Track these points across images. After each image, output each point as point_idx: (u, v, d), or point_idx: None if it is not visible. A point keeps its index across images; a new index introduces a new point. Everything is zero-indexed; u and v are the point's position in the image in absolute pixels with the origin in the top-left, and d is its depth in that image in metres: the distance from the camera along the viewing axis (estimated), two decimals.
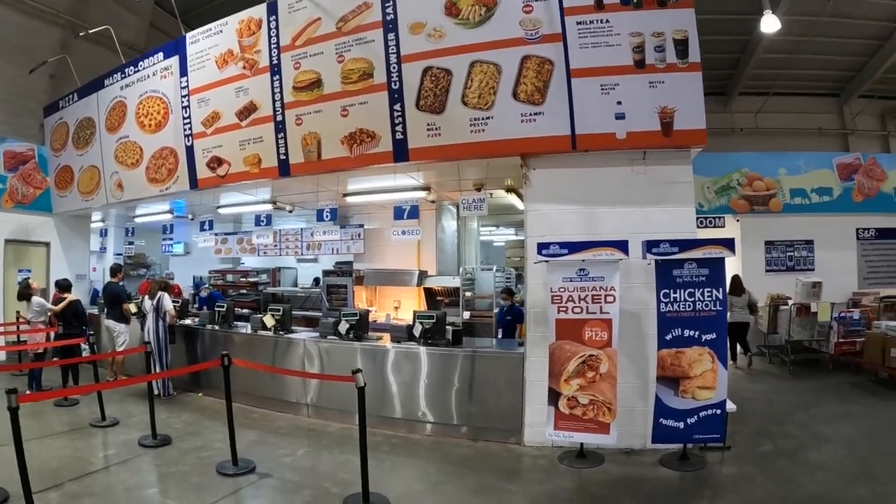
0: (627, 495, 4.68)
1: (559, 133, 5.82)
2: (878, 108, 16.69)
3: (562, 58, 5.86)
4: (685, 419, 5.24)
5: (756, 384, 8.92)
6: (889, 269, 12.10)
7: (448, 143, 6.21)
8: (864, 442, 6.15)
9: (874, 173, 12.08)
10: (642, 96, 5.73)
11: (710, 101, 14.71)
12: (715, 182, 11.48)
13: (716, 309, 5.28)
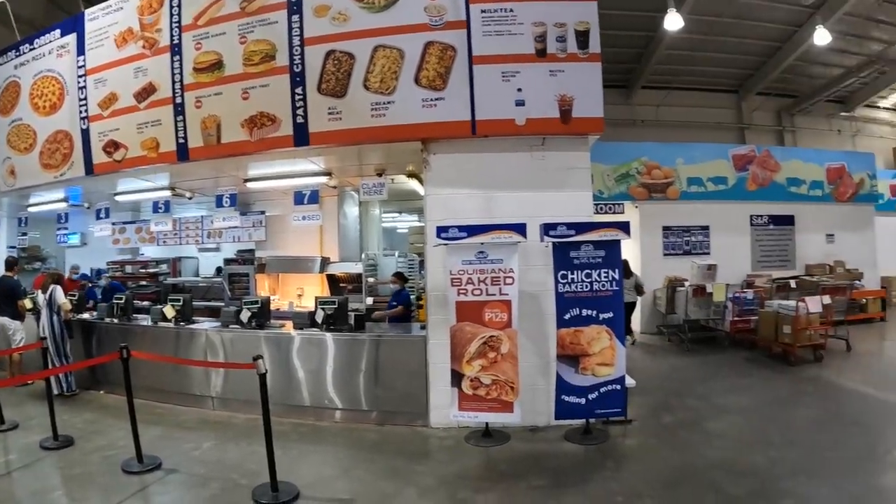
0: (533, 471, 4.82)
1: (460, 118, 5.90)
2: (774, 105, 17.74)
3: (465, 45, 5.94)
4: (586, 395, 5.45)
5: (656, 361, 9.41)
6: (781, 252, 13.06)
7: (349, 127, 6.16)
8: (759, 411, 6.59)
9: (768, 164, 12.93)
10: (542, 84, 5.89)
11: (613, 93, 15.38)
12: (615, 170, 11.89)
13: (612, 289, 5.51)
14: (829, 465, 4.96)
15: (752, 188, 12.79)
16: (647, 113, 16.15)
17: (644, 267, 11.71)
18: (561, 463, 5.02)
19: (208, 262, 12.37)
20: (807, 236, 13.39)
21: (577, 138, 6.10)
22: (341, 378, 6.29)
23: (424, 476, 4.76)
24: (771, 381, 8.04)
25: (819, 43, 12.65)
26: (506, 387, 5.39)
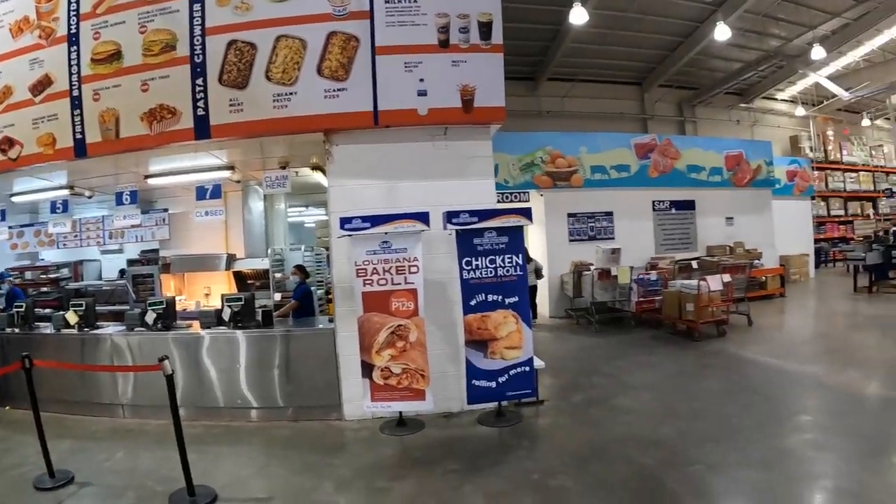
0: (449, 456, 4.88)
1: (362, 109, 5.88)
2: (676, 97, 18.55)
3: (368, 35, 5.92)
4: (496, 378, 5.56)
5: (566, 343, 9.70)
6: (683, 235, 13.78)
7: (251, 119, 6.02)
8: (666, 386, 6.92)
9: (669, 153, 13.57)
10: (445, 75, 5.94)
11: (519, 85, 15.63)
12: (520, 160, 12.15)
13: (516, 274, 5.64)
14: (735, 432, 5.24)
15: (653, 175, 13.37)
16: (553, 104, 16.51)
17: (550, 253, 12.13)
18: (476, 447, 5.11)
19: (111, 264, 11.81)
20: (707, 220, 14.15)
21: (480, 127, 6.21)
22: (253, 376, 6.17)
23: (341, 469, 4.75)
24: (676, 356, 8.42)
25: (719, 38, 13.21)
26: (416, 375, 5.43)
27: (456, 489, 4.21)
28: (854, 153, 22.34)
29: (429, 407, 5.54)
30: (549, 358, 8.16)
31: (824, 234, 20.99)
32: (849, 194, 21.96)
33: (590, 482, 4.29)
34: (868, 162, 22.81)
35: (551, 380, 7.21)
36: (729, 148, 14.89)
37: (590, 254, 11.69)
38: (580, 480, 4.32)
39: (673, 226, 13.76)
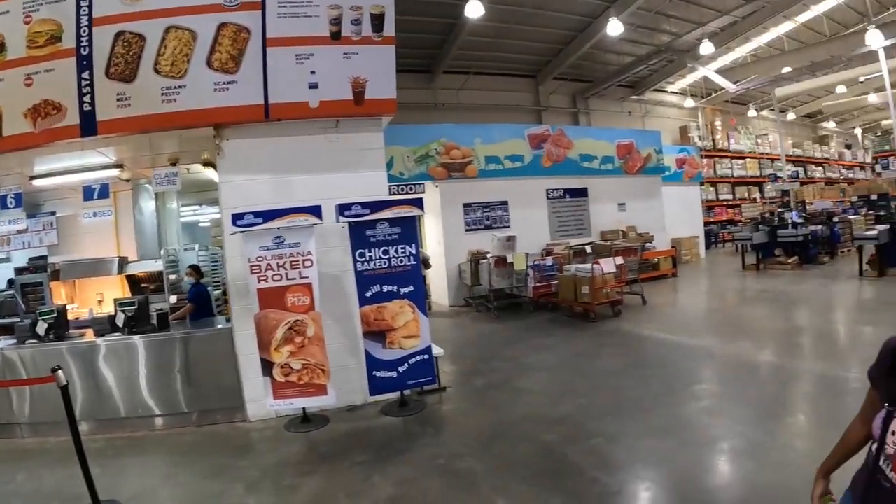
0: (356, 448, 4.86)
1: (253, 102, 5.71)
2: (570, 89, 19.24)
3: (259, 26, 5.72)
4: (396, 368, 5.60)
5: (466, 331, 9.88)
6: (577, 221, 14.29)
7: (139, 114, 5.69)
8: (565, 366, 7.14)
9: (562, 142, 14.02)
10: (337, 67, 5.85)
11: (416, 77, 15.72)
12: (415, 151, 12.21)
13: (410, 264, 5.69)
14: (632, 404, 5.49)
15: (547, 164, 13.80)
16: (449, 96, 16.72)
17: (447, 243, 12.30)
18: (381, 437, 5.11)
19: None
20: (601, 206, 14.73)
21: (371, 119, 6.18)
22: (153, 382, 5.88)
23: (249, 470, 4.63)
24: (574, 337, 8.71)
25: (612, 34, 13.79)
26: (317, 370, 5.37)
27: (364, 480, 4.20)
28: (741, 141, 23.90)
29: (331, 401, 5.50)
30: (451, 345, 8.32)
31: (714, 217, 22.37)
32: (736, 180, 23.48)
33: (495, 462, 4.38)
34: (754, 149, 24.47)
35: (453, 367, 7.33)
36: (620, 137, 15.53)
37: (486, 242, 11.92)
38: (485, 461, 4.41)
39: (567, 213, 14.25)
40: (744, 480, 3.92)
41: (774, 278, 13.28)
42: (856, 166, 31.53)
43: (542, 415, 5.37)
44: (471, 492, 3.90)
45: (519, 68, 17.70)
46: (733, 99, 22.96)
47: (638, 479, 4.01)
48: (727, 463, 4.24)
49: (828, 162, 29.33)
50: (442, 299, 12.76)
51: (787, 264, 14.51)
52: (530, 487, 3.92)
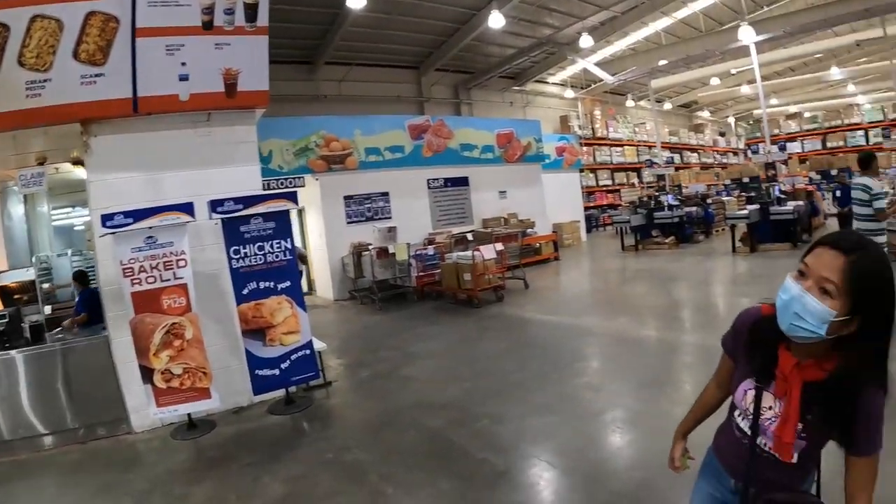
0: (244, 450, 4.75)
1: (121, 96, 5.36)
2: (453, 80, 19.53)
3: (128, 15, 5.32)
4: (279, 365, 5.51)
5: (351, 324, 9.88)
6: (459, 210, 14.54)
7: (2, 110, 5.20)
8: (450, 352, 7.31)
9: (442, 133, 14.21)
10: (208, 58, 5.59)
11: (297, 69, 15.52)
12: (294, 144, 11.98)
13: (286, 258, 5.61)
14: (516, 385, 5.69)
15: (427, 154, 13.94)
16: (331, 88, 16.57)
17: (329, 236, 12.20)
18: (270, 437, 5.04)
19: None
20: (482, 194, 15.06)
21: (244, 112, 5.99)
22: (36, 399, 5.42)
23: (137, 483, 4.42)
24: (458, 324, 8.91)
25: (494, 26, 14.09)
26: (198, 373, 5.18)
27: (255, 481, 4.14)
28: (619, 130, 25.18)
29: (216, 404, 5.33)
30: (336, 339, 8.34)
31: (594, 202, 23.47)
32: (615, 166, 24.69)
33: (383, 451, 4.44)
34: (632, 137, 25.84)
35: (339, 360, 7.34)
36: (500, 127, 15.93)
37: (368, 234, 11.90)
38: (374, 451, 4.46)
39: (448, 202, 14.46)
40: (627, 448, 4.20)
41: (652, 258, 14.15)
42: (729, 152, 34.40)
43: (428, 401, 5.48)
44: (360, 483, 3.94)
45: (402, 59, 17.74)
46: (612, 90, 24.24)
47: (524, 457, 4.17)
48: (610, 433, 4.51)
49: (703, 148, 31.68)
50: (326, 293, 12.63)
51: (664, 244, 15.55)
52: (419, 473, 4.01)
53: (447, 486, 3.79)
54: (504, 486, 3.72)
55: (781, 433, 1.55)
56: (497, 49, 18.19)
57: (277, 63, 13.97)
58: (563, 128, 22.31)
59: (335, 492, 3.85)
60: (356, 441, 4.72)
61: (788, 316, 1.46)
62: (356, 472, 4.13)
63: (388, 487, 3.83)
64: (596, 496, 3.51)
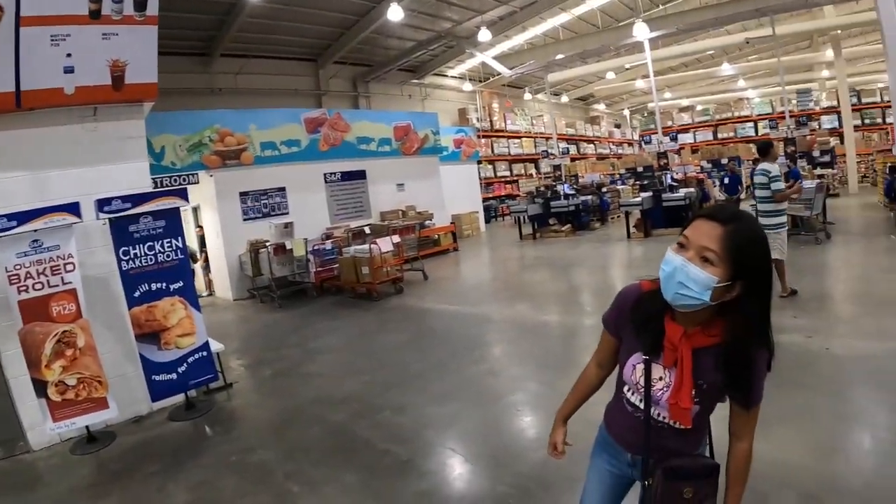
0: (146, 460, 4.60)
1: (3, 90, 5.00)
2: (351, 73, 19.40)
3: (13, 3, 4.91)
4: (176, 369, 5.38)
5: (250, 323, 9.74)
6: (357, 204, 14.55)
7: None
8: (350, 346, 7.38)
9: (339, 126, 14.14)
10: (94, 48, 5.28)
11: (191, 61, 15.11)
12: (187, 140, 11.53)
13: (178, 258, 5.46)
14: (417, 375, 5.85)
15: (324, 148, 13.84)
16: (227, 81, 16.03)
17: (225, 234, 11.88)
18: (172, 444, 4.90)
19: None
20: (379, 187, 15.11)
21: (132, 106, 5.72)
22: None
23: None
24: (358, 317, 8.99)
25: (393, 18, 14.12)
26: (94, 383, 4.96)
27: (159, 490, 4.05)
28: (517, 122, 25.87)
29: (115, 414, 5.12)
30: (236, 339, 8.25)
31: (493, 193, 24.03)
32: (513, 157, 25.35)
33: (287, 449, 4.46)
34: (530, 129, 26.63)
35: (239, 361, 7.24)
36: (397, 120, 16.01)
37: (266, 231, 11.65)
38: (278, 450, 4.48)
39: (346, 196, 14.42)
40: (528, 430, 4.43)
41: (550, 245, 14.73)
42: (625, 143, 36.31)
43: (330, 396, 5.54)
44: (266, 483, 3.96)
45: (300, 52, 17.45)
46: (510, 83, 24.82)
47: (427, 445, 4.30)
48: (511, 417, 4.70)
49: (599, 139, 33.19)
50: (225, 293, 12.27)
51: (561, 232, 16.25)
52: (323, 468, 4.08)
53: (352, 479, 3.87)
54: (408, 475, 3.84)
55: (678, 400, 1.64)
56: (396, 42, 18.23)
57: (171, 55, 13.51)
58: (461, 120, 22.66)
59: (241, 494, 3.85)
60: (260, 441, 4.71)
61: (673, 286, 1.54)
62: (261, 472, 4.13)
63: (293, 486, 3.87)
64: (500, 479, 3.67)
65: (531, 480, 3.60)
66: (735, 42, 22.21)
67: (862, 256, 9.53)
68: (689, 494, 1.70)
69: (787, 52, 25.95)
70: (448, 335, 7.38)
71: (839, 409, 4.09)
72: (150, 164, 6.12)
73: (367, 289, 10.26)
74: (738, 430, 1.70)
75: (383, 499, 3.62)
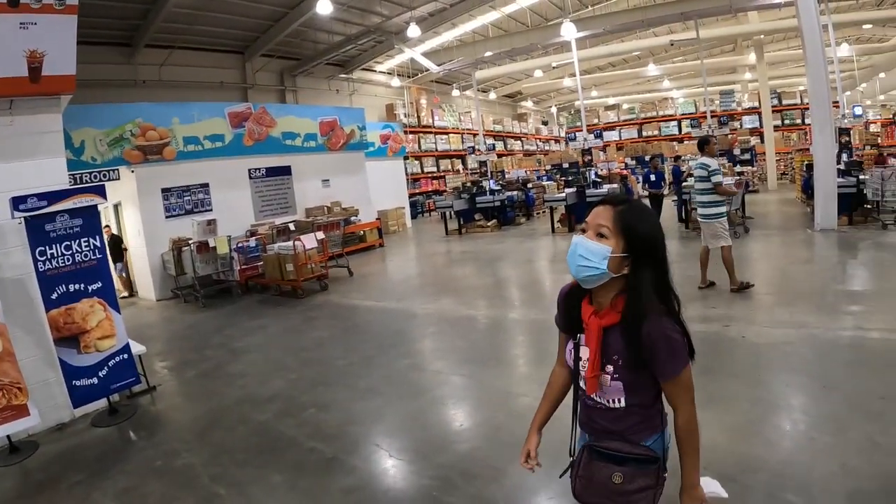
0: (70, 469, 4.47)
1: None
2: (278, 67, 19.13)
3: None
4: (97, 373, 5.26)
5: (174, 324, 9.50)
6: (282, 200, 14.39)
7: None
8: (275, 344, 7.37)
9: (264, 120, 13.93)
10: (11, 38, 5.04)
11: (114, 51, 14.72)
12: (108, 134, 11.10)
13: (96, 257, 5.33)
14: (342, 372, 5.93)
15: (249, 143, 13.60)
16: (151, 73, 15.50)
17: (147, 232, 11.53)
18: (96, 451, 4.78)
19: None
20: (305, 183, 14.98)
21: (49, 99, 5.51)
22: None
23: None
24: (283, 315, 8.97)
25: (322, 12, 13.99)
26: (13, 390, 4.76)
27: (85, 500, 3.95)
28: (445, 118, 26.11)
29: (36, 422, 4.93)
30: (159, 341, 8.09)
31: (420, 189, 24.20)
32: (440, 153, 25.59)
33: (213, 452, 4.44)
34: (457, 125, 26.94)
35: (162, 362, 7.10)
36: (324, 115, 15.89)
37: (188, 229, 11.33)
38: (203, 453, 4.45)
39: (271, 192, 14.23)
40: (452, 423, 4.58)
41: (475, 240, 15.01)
42: (551, 140, 37.33)
43: (255, 396, 5.54)
44: (192, 487, 3.94)
45: (226, 44, 17.05)
46: (438, 79, 25.04)
47: (353, 442, 4.37)
48: (436, 411, 4.84)
49: (526, 136, 33.95)
50: (148, 294, 11.87)
51: (486, 227, 16.59)
52: (250, 469, 4.09)
53: (279, 478, 3.90)
54: (335, 472, 3.90)
55: (593, 371, 1.78)
56: (325, 36, 18.08)
57: (93, 44, 13.08)
58: (388, 116, 22.66)
59: (168, 500, 3.82)
60: (185, 444, 4.67)
61: (575, 259, 1.77)
62: (187, 476, 4.11)
63: (220, 488, 3.87)
64: (424, 472, 3.79)
65: (455, 472, 3.72)
66: (661, 44, 23.17)
67: (779, 249, 10.28)
68: (618, 479, 1.78)
69: (712, 55, 27.44)
70: (373, 331, 7.48)
71: (755, 394, 4.43)
72: (69, 159, 5.97)
73: (292, 286, 10.22)
74: (671, 402, 1.80)
75: (310, 497, 3.67)
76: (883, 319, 5.77)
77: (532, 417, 2.13)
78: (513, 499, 3.41)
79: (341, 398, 5.22)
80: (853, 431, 3.68)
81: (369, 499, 3.57)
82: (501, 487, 3.52)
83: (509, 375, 5.47)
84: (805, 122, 25.22)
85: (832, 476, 3.22)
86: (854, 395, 4.22)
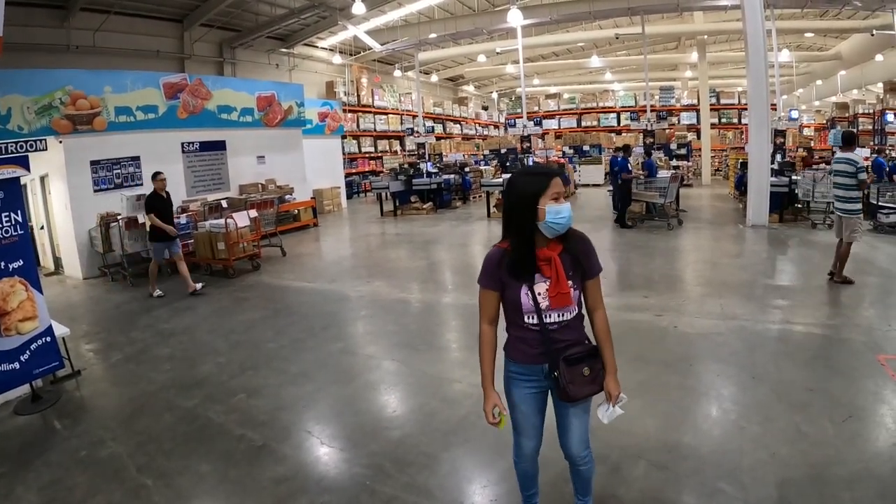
0: None
1: None
2: (218, 37, 18.45)
3: None
4: (18, 357, 5.00)
5: (99, 304, 9.16)
6: (215, 176, 13.96)
7: None
8: (204, 326, 7.25)
9: (199, 93, 13.45)
10: None
11: (47, 13, 13.92)
12: (36, 101, 10.46)
13: (18, 234, 5.03)
14: (273, 355, 5.91)
15: (183, 116, 13.09)
16: (85, 38, 14.61)
17: (75, 207, 11.00)
18: (18, 441, 4.54)
19: None
20: (239, 159, 14.59)
21: None
22: None
23: None
24: (213, 295, 8.81)
25: None
26: None
27: (7, 495, 3.76)
28: (385, 98, 25.87)
29: None
30: (85, 322, 7.82)
31: (357, 169, 23.98)
32: (379, 134, 25.36)
33: (139, 440, 4.32)
34: (397, 106, 26.77)
35: (88, 345, 6.85)
36: (262, 89, 15.48)
37: (118, 204, 10.81)
38: (129, 442, 4.32)
39: (204, 167, 13.78)
40: (384, 409, 4.65)
41: (410, 222, 15.12)
42: (491, 125, 37.62)
43: (182, 380, 5.45)
44: (118, 478, 3.82)
45: (165, 11, 16.26)
46: (381, 59, 24.77)
47: (283, 429, 4.37)
48: (367, 396, 4.90)
49: (466, 120, 34.01)
50: (75, 272, 11.33)
51: (422, 210, 16.68)
52: (177, 459, 4.02)
53: (207, 468, 3.85)
54: (265, 461, 3.88)
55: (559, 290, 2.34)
56: (267, 7, 17.57)
57: (24, 5, 12.32)
58: (328, 93, 22.30)
59: (94, 492, 3.69)
60: (110, 433, 4.52)
61: (566, 220, 2.30)
62: (113, 467, 3.98)
63: (147, 479, 3.77)
64: (357, 460, 3.82)
65: (387, 459, 3.78)
66: (606, 37, 23.54)
67: (711, 243, 10.79)
68: (587, 372, 2.44)
69: (655, 51, 28.07)
70: (305, 313, 7.45)
71: (686, 383, 4.68)
72: None
73: (223, 265, 10.07)
74: (594, 302, 2.52)
75: (241, 487, 3.64)
76: (809, 314, 6.18)
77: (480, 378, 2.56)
78: (447, 486, 3.49)
79: (272, 383, 5.20)
80: (781, 421, 3.94)
81: (301, 489, 3.57)
82: (435, 475, 3.60)
83: (442, 361, 5.57)
84: (741, 122, 26.44)
85: (762, 464, 3.44)
86: (781, 385, 4.51)
